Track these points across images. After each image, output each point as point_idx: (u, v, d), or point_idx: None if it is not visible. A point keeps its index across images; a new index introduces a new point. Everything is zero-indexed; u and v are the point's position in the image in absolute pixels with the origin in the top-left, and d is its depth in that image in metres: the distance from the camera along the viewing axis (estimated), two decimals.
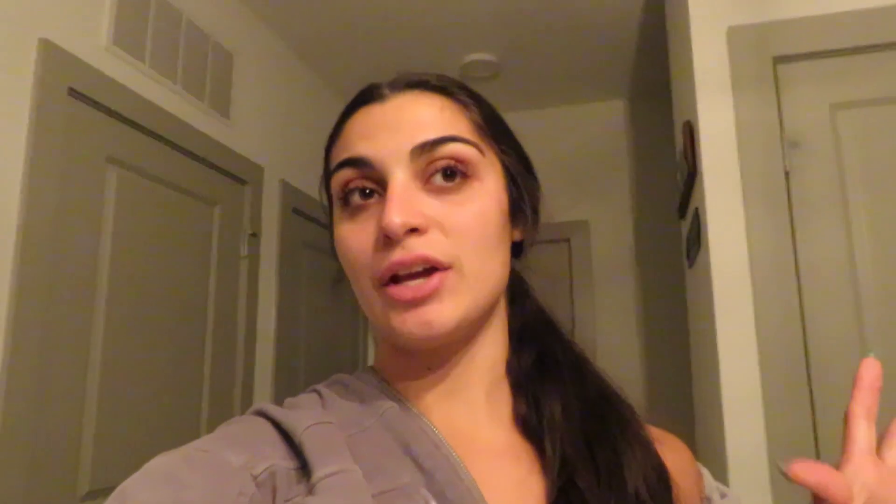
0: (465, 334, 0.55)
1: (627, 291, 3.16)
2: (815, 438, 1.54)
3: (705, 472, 0.62)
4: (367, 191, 0.53)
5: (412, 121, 0.53)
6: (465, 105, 0.56)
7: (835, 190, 1.65)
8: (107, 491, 1.67)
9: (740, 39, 1.75)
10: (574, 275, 3.22)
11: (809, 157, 1.67)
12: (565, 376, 0.60)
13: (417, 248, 0.50)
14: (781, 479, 1.52)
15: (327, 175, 0.58)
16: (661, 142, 2.91)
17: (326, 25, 2.61)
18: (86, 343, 1.69)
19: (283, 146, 2.66)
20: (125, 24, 1.84)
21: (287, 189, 2.64)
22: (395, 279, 0.51)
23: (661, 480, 0.54)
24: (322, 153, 0.60)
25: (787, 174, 1.67)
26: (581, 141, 3.26)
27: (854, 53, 1.68)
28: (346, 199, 0.54)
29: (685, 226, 2.21)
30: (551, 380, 0.59)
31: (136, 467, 0.44)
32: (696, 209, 1.89)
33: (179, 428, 1.98)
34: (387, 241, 0.50)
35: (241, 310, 2.33)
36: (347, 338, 3.12)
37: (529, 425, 0.57)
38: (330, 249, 0.61)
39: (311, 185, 2.78)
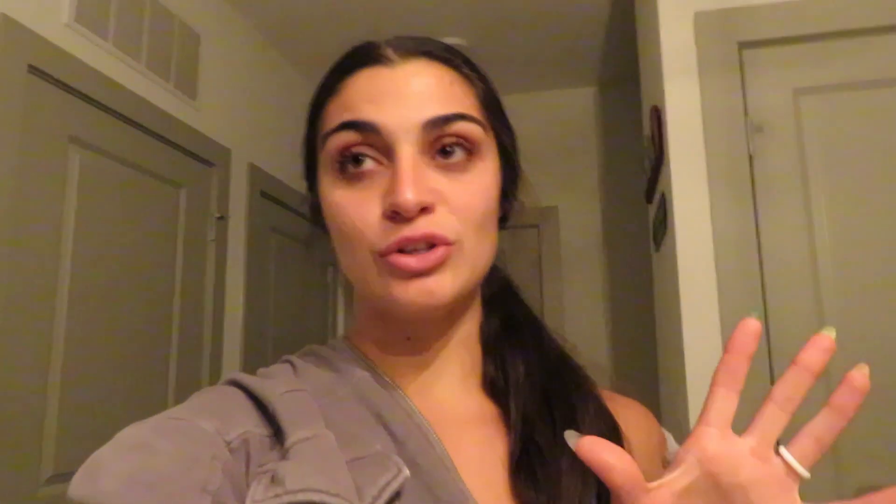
0: (454, 308, 0.56)
1: (595, 276, 3.19)
2: None
3: (668, 435, 0.64)
4: (361, 157, 0.52)
5: (424, 93, 0.52)
6: (470, 81, 0.56)
7: (797, 173, 1.68)
8: (71, 475, 1.64)
9: (707, 25, 1.77)
10: (543, 260, 3.24)
11: (772, 142, 1.70)
12: (526, 338, 0.61)
13: (425, 225, 0.50)
14: None
15: (314, 131, 0.57)
16: (629, 128, 2.94)
17: (294, 8, 2.58)
18: (48, 328, 1.66)
19: (251, 128, 2.63)
20: (88, 0, 1.79)
21: (255, 172, 2.61)
22: (399, 250, 0.50)
23: (612, 435, 0.56)
24: (290, 136, 0.59)
25: (750, 158, 1.70)
26: (550, 127, 3.27)
27: (817, 40, 1.71)
28: (342, 164, 0.53)
29: (652, 210, 2.24)
30: (515, 342, 0.61)
31: None
32: (663, 193, 1.92)
33: (144, 413, 1.94)
34: (394, 215, 0.50)
35: (207, 294, 2.30)
36: (316, 323, 3.11)
37: (496, 387, 0.59)
38: (308, 208, 0.60)
39: (279, 167, 2.76)
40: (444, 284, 0.51)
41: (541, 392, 0.57)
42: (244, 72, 2.63)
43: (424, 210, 0.50)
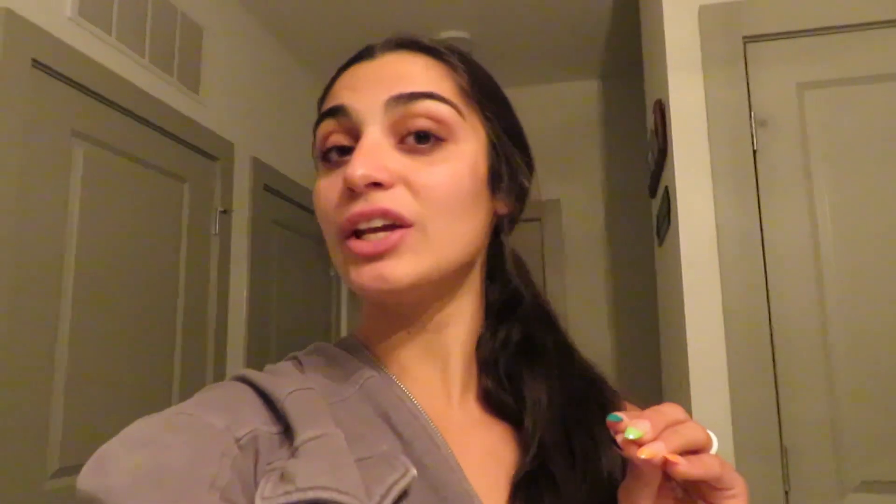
0: (435, 297, 0.56)
1: (598, 270, 3.19)
2: (778, 409, 1.58)
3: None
4: (344, 147, 0.54)
5: (393, 74, 0.54)
6: (452, 67, 0.56)
7: (800, 168, 1.68)
8: (77, 468, 1.65)
9: (711, 18, 1.76)
10: (546, 254, 3.24)
11: (776, 136, 1.70)
12: (553, 363, 0.59)
13: (379, 201, 0.50)
14: (746, 451, 1.56)
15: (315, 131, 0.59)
16: (632, 122, 2.93)
17: (297, 1, 2.57)
18: (53, 322, 1.66)
19: (254, 122, 2.63)
20: None
21: (258, 165, 2.61)
22: (358, 234, 0.51)
23: None
24: (292, 130, 0.60)
25: (754, 152, 1.69)
26: (553, 120, 3.27)
27: (821, 34, 1.71)
28: (325, 154, 0.55)
29: (655, 204, 2.24)
30: (538, 365, 0.59)
31: None
32: (667, 187, 1.91)
33: (149, 407, 1.95)
34: (350, 193, 0.50)
35: (211, 288, 2.31)
36: (320, 317, 3.11)
37: (493, 401, 0.58)
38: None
39: (282, 161, 2.75)
40: (397, 269, 0.50)
41: (560, 420, 0.56)
42: (247, 65, 2.63)
43: (379, 186, 0.50)
